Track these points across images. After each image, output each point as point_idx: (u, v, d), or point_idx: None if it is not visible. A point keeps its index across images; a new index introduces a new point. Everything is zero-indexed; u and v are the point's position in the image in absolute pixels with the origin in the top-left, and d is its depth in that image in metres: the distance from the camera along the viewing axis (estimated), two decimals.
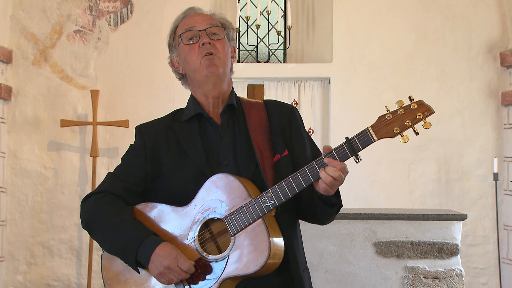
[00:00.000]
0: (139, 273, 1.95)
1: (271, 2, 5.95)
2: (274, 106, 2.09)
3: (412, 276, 3.97)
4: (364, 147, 1.79)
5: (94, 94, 5.43)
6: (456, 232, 4.02)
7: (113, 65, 5.60)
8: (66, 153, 5.56)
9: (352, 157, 1.81)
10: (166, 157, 2.02)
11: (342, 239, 4.01)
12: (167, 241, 1.91)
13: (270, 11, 5.95)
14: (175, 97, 5.55)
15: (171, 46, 2.09)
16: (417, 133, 1.77)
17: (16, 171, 5.52)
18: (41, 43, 5.56)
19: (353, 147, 1.80)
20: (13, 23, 5.54)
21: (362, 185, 5.41)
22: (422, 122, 1.76)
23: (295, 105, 5.75)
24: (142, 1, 5.63)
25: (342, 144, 1.81)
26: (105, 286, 2.03)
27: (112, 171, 2.10)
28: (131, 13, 5.64)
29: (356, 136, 1.81)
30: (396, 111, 1.78)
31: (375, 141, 1.78)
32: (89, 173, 5.53)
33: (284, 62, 6.02)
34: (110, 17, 5.62)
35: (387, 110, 1.80)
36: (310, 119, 5.72)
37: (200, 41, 1.99)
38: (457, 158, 5.56)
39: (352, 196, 5.17)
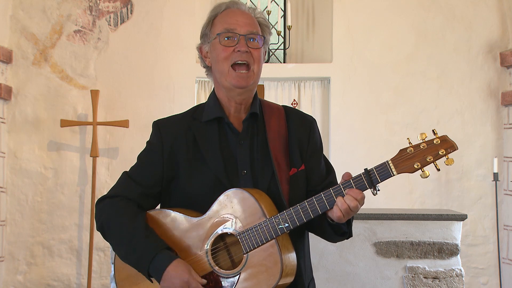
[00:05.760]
0: (152, 282, 1.93)
1: (271, 2, 5.95)
2: (295, 116, 2.06)
3: (412, 276, 3.97)
4: (383, 180, 1.76)
5: (94, 94, 5.43)
6: (456, 232, 4.02)
7: (113, 65, 5.60)
8: (66, 153, 5.56)
9: (370, 189, 1.79)
10: (184, 160, 1.97)
11: None
12: (180, 259, 1.88)
13: (270, 11, 5.95)
14: (175, 97, 5.56)
15: (205, 36, 2.02)
16: (438, 169, 1.74)
17: (16, 171, 5.52)
18: (41, 43, 5.56)
19: (371, 179, 1.77)
20: (13, 23, 5.54)
21: None
22: (444, 158, 1.73)
23: (295, 105, 5.75)
24: (142, 1, 5.63)
25: (360, 175, 1.78)
26: (117, 287, 2.02)
27: (128, 171, 2.06)
28: (131, 13, 5.64)
29: (376, 168, 1.77)
30: (418, 145, 1.74)
31: (394, 175, 1.75)
32: (89, 173, 5.53)
33: (284, 62, 6.01)
34: (110, 17, 5.62)
35: (409, 143, 1.76)
36: None
37: (236, 47, 1.94)
38: (457, 158, 5.55)
39: None
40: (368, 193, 1.84)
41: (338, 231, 1.92)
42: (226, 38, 1.96)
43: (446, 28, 5.60)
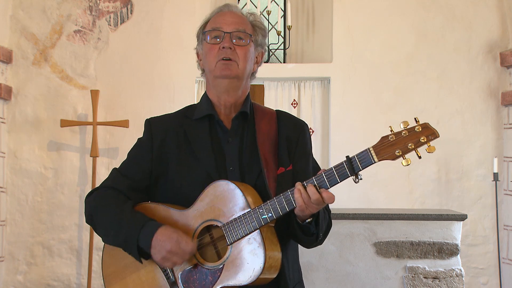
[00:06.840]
0: (142, 263, 1.93)
1: (271, 2, 5.95)
2: (286, 119, 2.08)
3: (412, 276, 3.97)
4: (364, 168, 1.75)
5: (94, 94, 5.43)
6: (456, 232, 4.02)
7: (113, 65, 5.60)
8: (66, 153, 5.57)
9: (351, 177, 1.77)
10: (175, 156, 2.00)
11: (342, 239, 4.01)
12: (166, 224, 1.89)
13: (270, 11, 5.95)
14: (175, 97, 5.56)
15: (198, 39, 2.07)
16: (419, 157, 1.73)
17: (16, 171, 5.52)
18: (41, 43, 5.56)
19: (353, 166, 1.75)
20: (13, 23, 5.54)
21: (362, 185, 5.41)
22: (425, 146, 1.71)
23: (295, 105, 5.76)
24: (142, 1, 5.63)
25: (342, 163, 1.77)
26: (104, 282, 2.03)
27: (117, 167, 2.09)
28: (131, 13, 5.64)
29: (357, 155, 1.76)
30: (400, 132, 1.73)
31: (375, 162, 1.74)
32: (89, 173, 5.53)
33: (284, 62, 6.02)
34: (110, 17, 5.62)
35: (391, 130, 1.75)
36: (310, 119, 5.71)
37: (221, 44, 1.97)
38: (457, 158, 5.56)
39: (352, 196, 5.17)
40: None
41: (307, 231, 1.90)
42: (213, 37, 1.99)
43: (446, 28, 5.60)
